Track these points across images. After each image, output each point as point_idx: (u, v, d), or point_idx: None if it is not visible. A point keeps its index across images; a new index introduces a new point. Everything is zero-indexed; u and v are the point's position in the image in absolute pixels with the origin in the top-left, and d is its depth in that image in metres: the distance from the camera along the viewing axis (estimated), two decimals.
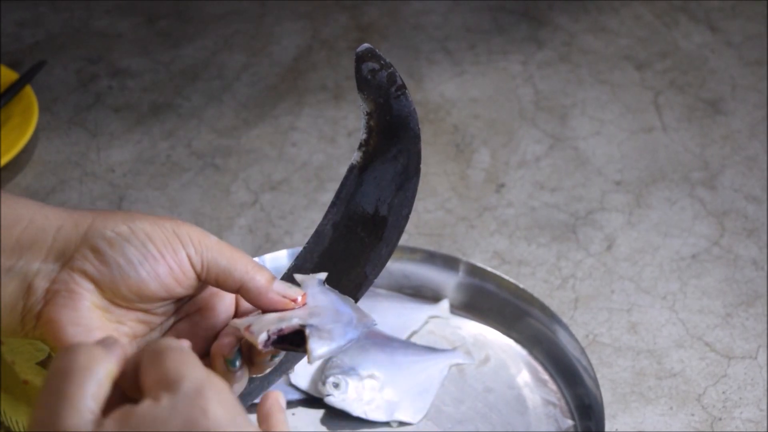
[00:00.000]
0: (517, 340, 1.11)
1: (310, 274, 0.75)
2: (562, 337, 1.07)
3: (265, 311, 0.70)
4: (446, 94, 1.47)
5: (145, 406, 0.53)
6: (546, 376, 1.08)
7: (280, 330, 0.67)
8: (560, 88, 1.49)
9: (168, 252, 0.66)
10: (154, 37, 1.56)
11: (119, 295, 0.66)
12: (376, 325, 0.73)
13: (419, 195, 0.80)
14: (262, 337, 0.66)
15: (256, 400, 0.82)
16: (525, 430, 1.02)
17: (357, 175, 0.79)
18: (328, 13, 1.61)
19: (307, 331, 0.67)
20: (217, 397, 0.54)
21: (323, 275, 0.75)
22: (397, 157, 0.78)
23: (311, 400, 1.03)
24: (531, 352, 1.09)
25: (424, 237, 1.25)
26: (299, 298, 0.71)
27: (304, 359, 0.74)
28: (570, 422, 1.03)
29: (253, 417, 0.62)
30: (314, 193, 1.30)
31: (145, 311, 0.69)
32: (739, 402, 1.08)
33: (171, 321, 0.71)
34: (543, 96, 1.47)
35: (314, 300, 0.72)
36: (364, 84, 0.77)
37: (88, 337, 0.64)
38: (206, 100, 1.45)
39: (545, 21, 1.62)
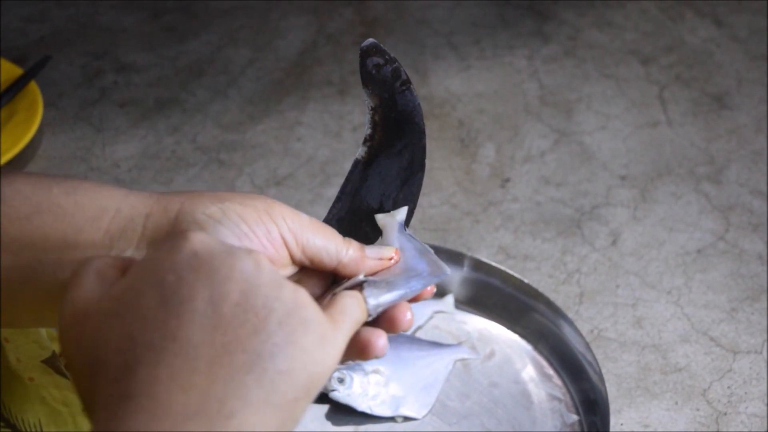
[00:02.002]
0: (522, 335, 1.11)
1: (390, 216, 0.75)
2: (567, 332, 1.07)
3: None
4: (451, 89, 1.47)
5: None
6: (551, 371, 1.08)
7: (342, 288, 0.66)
8: (566, 82, 1.49)
9: (261, 231, 0.65)
10: (159, 32, 1.56)
11: None
12: (447, 275, 0.71)
13: (424, 190, 0.81)
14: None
15: None
16: (530, 424, 1.02)
17: (362, 170, 0.79)
18: (334, 8, 1.61)
19: (364, 284, 0.66)
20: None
21: (402, 215, 0.75)
22: (402, 152, 0.78)
23: None
24: (536, 347, 1.09)
25: (429, 232, 1.25)
26: (393, 255, 0.70)
27: None
28: (575, 417, 1.03)
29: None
30: (319, 188, 1.30)
31: None
32: (744, 397, 1.08)
33: None
34: (548, 91, 1.47)
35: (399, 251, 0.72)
36: (368, 79, 0.77)
37: None
38: (211, 95, 1.45)
39: (551, 15, 1.62)
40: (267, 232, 0.65)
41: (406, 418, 1.02)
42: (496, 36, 1.57)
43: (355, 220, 0.80)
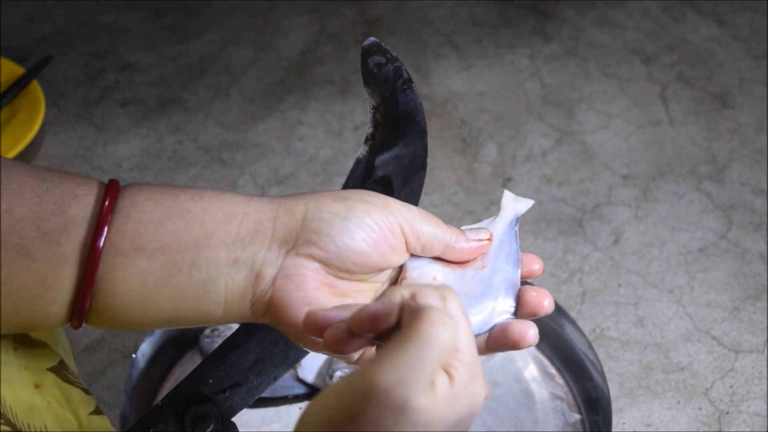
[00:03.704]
0: None
1: (514, 200, 0.77)
2: (569, 331, 1.07)
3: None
4: (453, 88, 1.47)
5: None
6: (553, 370, 1.08)
7: None
8: (567, 82, 1.49)
9: (384, 223, 0.69)
10: (161, 32, 1.56)
11: (345, 269, 0.69)
12: (510, 317, 0.73)
13: (426, 189, 0.80)
14: None
15: (264, 395, 0.82)
16: (532, 424, 1.02)
17: (363, 168, 0.79)
18: (335, 8, 1.61)
19: None
20: None
21: (524, 208, 0.77)
22: (404, 150, 0.78)
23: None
24: (538, 346, 1.09)
25: None
26: (489, 237, 0.74)
27: (312, 353, 0.74)
28: (577, 416, 1.03)
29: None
30: (321, 187, 1.30)
31: (365, 281, 0.72)
32: (746, 396, 1.08)
33: (384, 287, 0.73)
34: (550, 90, 1.47)
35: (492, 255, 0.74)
36: (370, 78, 0.77)
37: None
38: (213, 95, 1.45)
39: (552, 15, 1.61)
40: (388, 223, 0.69)
41: None
42: (497, 35, 1.57)
43: None
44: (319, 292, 0.69)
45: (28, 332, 0.73)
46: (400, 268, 0.72)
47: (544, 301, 0.71)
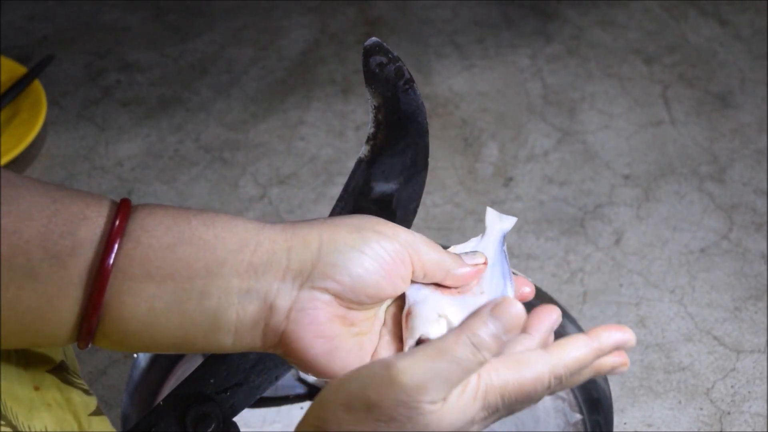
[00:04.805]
0: None
1: (498, 219, 0.77)
2: (571, 331, 1.07)
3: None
4: (455, 88, 1.47)
5: None
6: None
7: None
8: (569, 81, 1.49)
9: (396, 254, 0.70)
10: (162, 31, 1.56)
11: (358, 301, 0.69)
12: None
13: (427, 189, 0.80)
14: None
15: (266, 394, 0.82)
16: (533, 423, 1.02)
17: (365, 168, 0.79)
18: (337, 7, 1.61)
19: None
20: None
21: (509, 226, 0.77)
22: (405, 150, 0.78)
23: None
24: None
25: (433, 231, 1.25)
26: (485, 260, 0.74)
27: None
28: (578, 416, 1.03)
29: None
30: (323, 187, 1.30)
31: (372, 308, 0.72)
32: (747, 396, 1.08)
33: (382, 309, 0.74)
34: (551, 90, 1.47)
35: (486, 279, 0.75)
36: (372, 78, 0.77)
37: (331, 346, 0.68)
38: (215, 94, 1.45)
39: (554, 15, 1.61)
40: (399, 253, 0.70)
41: None
42: (499, 35, 1.57)
43: None
44: (331, 324, 0.69)
45: (33, 348, 0.73)
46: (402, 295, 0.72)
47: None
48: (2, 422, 0.68)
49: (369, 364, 0.63)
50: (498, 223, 0.77)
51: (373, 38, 0.77)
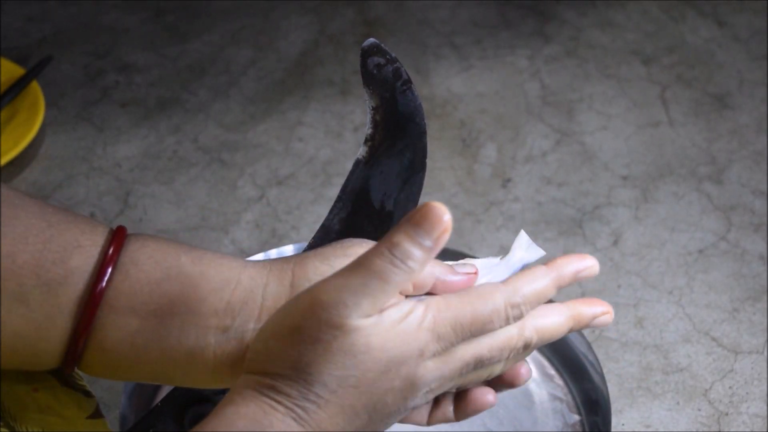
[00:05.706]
0: None
1: (524, 248, 0.77)
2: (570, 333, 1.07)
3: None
4: (453, 89, 1.47)
5: None
6: (552, 371, 1.08)
7: None
8: (567, 82, 1.49)
9: None
10: (161, 32, 1.56)
11: None
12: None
13: (425, 190, 0.80)
14: None
15: None
16: (531, 424, 1.02)
17: (363, 169, 0.79)
18: (335, 8, 1.61)
19: None
20: None
21: (534, 257, 0.76)
22: (403, 151, 0.78)
23: None
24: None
25: None
26: (474, 271, 0.72)
27: None
28: (576, 417, 1.03)
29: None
30: (321, 188, 1.30)
31: None
32: (746, 397, 1.08)
33: None
34: (550, 91, 1.47)
35: None
36: (369, 79, 0.77)
37: None
38: (213, 95, 1.45)
39: (552, 15, 1.62)
40: None
41: None
42: (497, 36, 1.57)
43: (356, 219, 0.80)
44: None
45: (20, 369, 0.72)
46: None
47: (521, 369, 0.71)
48: (1, 423, 0.69)
49: (295, 295, 0.62)
50: (523, 251, 0.75)
51: (371, 39, 0.77)
